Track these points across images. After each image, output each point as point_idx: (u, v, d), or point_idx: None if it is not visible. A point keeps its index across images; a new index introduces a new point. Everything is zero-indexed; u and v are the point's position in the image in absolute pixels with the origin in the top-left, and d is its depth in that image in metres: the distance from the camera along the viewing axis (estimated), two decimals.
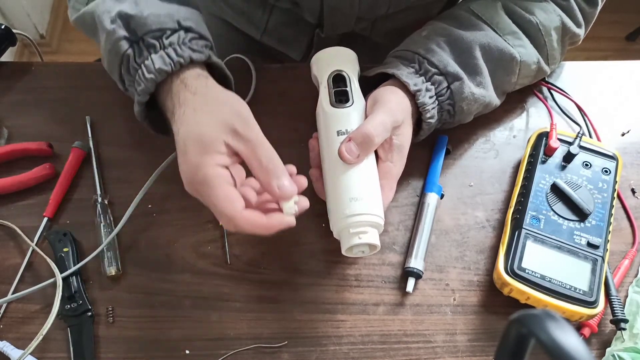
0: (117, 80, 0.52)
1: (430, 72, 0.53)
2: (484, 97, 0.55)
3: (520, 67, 0.56)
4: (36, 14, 1.63)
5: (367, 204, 0.48)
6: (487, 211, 0.58)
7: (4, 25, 0.65)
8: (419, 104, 0.52)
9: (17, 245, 0.55)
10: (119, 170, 0.59)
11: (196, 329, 0.52)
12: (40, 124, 0.62)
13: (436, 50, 0.54)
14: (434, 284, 0.54)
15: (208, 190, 0.43)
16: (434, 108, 0.53)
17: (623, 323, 0.50)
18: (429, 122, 0.54)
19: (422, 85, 0.53)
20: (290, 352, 0.51)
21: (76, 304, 0.51)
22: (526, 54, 0.56)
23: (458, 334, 0.52)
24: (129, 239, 0.56)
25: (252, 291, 0.53)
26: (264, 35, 0.73)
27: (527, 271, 0.50)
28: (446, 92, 0.53)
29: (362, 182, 0.49)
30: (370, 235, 0.48)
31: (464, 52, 0.54)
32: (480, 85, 0.55)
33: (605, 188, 0.55)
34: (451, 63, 0.53)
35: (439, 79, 0.53)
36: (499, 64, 0.56)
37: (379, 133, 0.49)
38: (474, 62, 0.54)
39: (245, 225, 0.43)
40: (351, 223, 0.48)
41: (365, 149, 0.49)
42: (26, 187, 0.57)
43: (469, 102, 0.54)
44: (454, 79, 0.53)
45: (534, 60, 0.57)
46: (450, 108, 0.54)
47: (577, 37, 0.60)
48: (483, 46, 0.55)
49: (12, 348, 0.49)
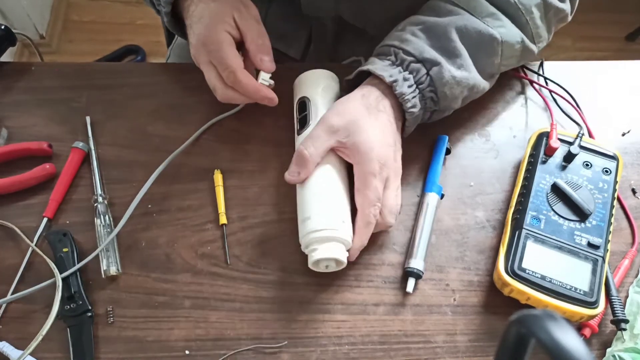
0: (148, 4, 0.61)
1: (407, 60, 0.53)
2: (467, 80, 0.54)
3: (502, 47, 0.56)
4: (36, 14, 1.63)
5: (315, 221, 0.50)
6: (488, 211, 0.58)
7: (4, 26, 0.65)
8: (398, 95, 0.52)
9: (16, 246, 0.55)
10: (119, 170, 0.59)
11: (196, 329, 0.52)
12: (40, 124, 0.62)
13: (411, 39, 0.54)
14: (434, 284, 0.54)
15: (219, 47, 0.53)
16: (414, 97, 0.53)
17: (623, 323, 0.50)
18: (411, 111, 0.53)
19: (398, 76, 0.52)
20: (290, 353, 0.51)
21: (76, 304, 0.51)
22: (507, 34, 0.56)
23: (458, 334, 0.52)
24: (129, 239, 0.56)
25: (252, 291, 0.53)
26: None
27: (528, 271, 0.50)
28: (426, 79, 0.53)
29: (312, 200, 0.51)
30: (320, 251, 0.49)
31: (441, 36, 0.54)
32: (461, 68, 0.54)
33: (605, 188, 0.55)
34: (427, 49, 0.53)
35: (416, 67, 0.53)
36: (479, 46, 0.55)
37: (306, 146, 0.51)
38: (451, 46, 0.54)
39: (243, 78, 0.53)
40: (305, 242, 0.51)
41: (300, 165, 0.51)
42: (26, 187, 0.57)
43: (451, 85, 0.53)
44: (432, 64, 0.53)
45: (518, 40, 0.56)
46: (432, 95, 0.54)
47: (563, 12, 0.60)
48: (460, 29, 0.54)
49: (12, 348, 0.49)
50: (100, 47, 1.68)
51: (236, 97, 0.56)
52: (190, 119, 0.62)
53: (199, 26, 0.55)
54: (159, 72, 0.66)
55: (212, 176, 0.59)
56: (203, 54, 0.55)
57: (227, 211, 0.57)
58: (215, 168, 0.59)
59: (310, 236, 0.50)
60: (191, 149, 0.60)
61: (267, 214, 0.57)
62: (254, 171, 0.59)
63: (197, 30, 0.55)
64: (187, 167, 0.59)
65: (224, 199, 0.57)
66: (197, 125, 0.61)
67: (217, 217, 0.56)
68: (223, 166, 0.59)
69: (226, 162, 0.60)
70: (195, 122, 0.62)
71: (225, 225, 0.56)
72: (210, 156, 0.60)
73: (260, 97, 0.55)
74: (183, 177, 0.59)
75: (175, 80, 0.63)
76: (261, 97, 0.55)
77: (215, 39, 0.53)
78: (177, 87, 0.64)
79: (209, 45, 0.54)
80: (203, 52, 0.55)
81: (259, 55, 0.55)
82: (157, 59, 1.67)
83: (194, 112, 0.62)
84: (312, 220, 0.50)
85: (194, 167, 0.60)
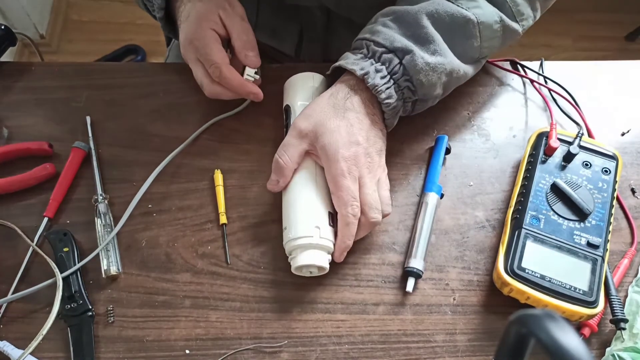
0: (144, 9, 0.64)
1: (378, 52, 0.52)
2: (442, 65, 0.53)
3: (480, 28, 0.55)
4: (36, 14, 1.63)
5: (291, 229, 0.51)
6: (487, 211, 0.58)
7: (4, 25, 0.65)
8: (370, 87, 0.52)
9: (17, 245, 0.55)
10: (119, 170, 0.59)
11: (196, 328, 0.52)
12: (41, 124, 0.62)
13: (381, 30, 0.53)
14: (434, 283, 0.54)
15: (204, 44, 0.55)
16: (388, 88, 0.52)
17: (623, 323, 0.50)
18: (387, 102, 0.52)
19: (370, 68, 0.52)
20: (290, 352, 0.51)
21: (76, 303, 0.51)
22: (483, 14, 0.54)
23: (458, 334, 0.52)
24: (129, 239, 0.56)
25: (251, 291, 0.53)
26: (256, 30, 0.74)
27: (527, 271, 0.50)
28: (399, 69, 0.52)
29: (288, 210, 0.52)
30: (299, 258, 0.50)
31: (411, 24, 0.53)
32: (435, 54, 0.53)
33: (605, 188, 0.55)
34: (398, 38, 0.52)
35: (388, 57, 0.52)
36: (454, 29, 0.54)
37: (280, 154, 0.52)
38: (423, 32, 0.53)
39: (228, 73, 0.55)
40: (287, 250, 0.52)
41: (277, 173, 0.52)
42: (26, 187, 0.57)
43: (425, 72, 0.52)
44: (404, 53, 0.52)
45: (496, 20, 0.55)
46: (408, 84, 0.53)
47: None
48: (430, 14, 0.53)
49: (12, 348, 0.49)
50: (100, 46, 1.68)
51: (223, 93, 0.57)
52: (190, 119, 0.62)
53: (186, 25, 0.57)
54: (159, 72, 0.66)
55: (212, 176, 0.59)
56: (190, 52, 0.57)
57: (227, 211, 0.57)
58: (215, 168, 0.59)
59: (289, 245, 0.51)
60: (191, 148, 0.60)
61: (267, 214, 0.57)
62: (254, 171, 0.59)
63: (185, 29, 0.57)
64: (187, 167, 0.60)
65: (224, 199, 0.57)
66: (197, 125, 0.61)
67: (217, 216, 0.57)
68: (223, 166, 0.59)
69: (226, 161, 0.60)
70: (195, 121, 0.62)
71: (225, 225, 0.56)
72: (210, 156, 0.60)
73: (245, 92, 0.57)
74: (183, 176, 0.59)
75: (175, 80, 0.64)
76: (246, 92, 0.57)
77: (200, 36, 0.55)
78: (177, 87, 0.64)
79: (195, 43, 0.55)
80: (190, 50, 0.56)
81: (243, 51, 0.57)
82: (157, 59, 1.67)
83: (194, 111, 0.63)
84: (288, 229, 0.51)
85: (194, 166, 0.60)
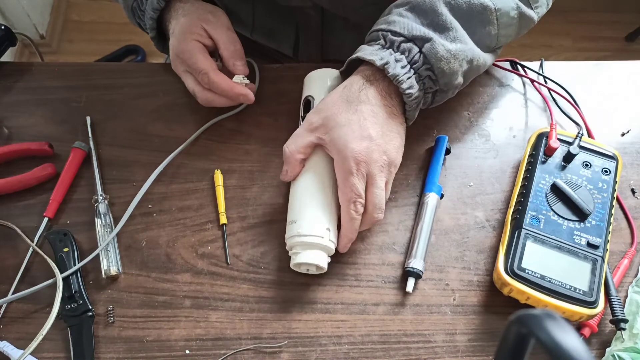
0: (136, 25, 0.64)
1: (396, 41, 0.51)
2: (463, 52, 0.52)
3: (497, 15, 0.54)
4: (36, 15, 1.63)
5: (302, 225, 0.50)
6: (487, 211, 0.58)
7: (4, 26, 0.65)
8: (391, 77, 0.50)
9: (17, 245, 0.55)
10: (119, 170, 0.59)
11: (196, 329, 0.52)
12: (41, 124, 0.62)
13: (397, 19, 0.53)
14: (434, 283, 0.54)
15: (190, 55, 0.56)
16: (409, 78, 0.51)
17: (623, 323, 0.50)
18: (408, 92, 0.51)
19: (389, 58, 0.51)
20: (290, 352, 0.51)
21: (76, 304, 0.51)
22: (500, 1, 0.54)
23: (458, 334, 0.52)
24: (129, 239, 0.56)
25: (251, 291, 0.53)
26: (254, 33, 0.74)
27: (527, 271, 0.50)
28: (420, 57, 0.51)
29: (300, 205, 0.52)
30: (302, 255, 0.50)
31: (429, 12, 0.52)
32: (455, 40, 0.52)
33: (605, 188, 0.55)
34: (416, 27, 0.51)
35: (407, 46, 0.51)
36: (471, 16, 0.53)
37: (288, 144, 0.52)
38: (441, 19, 0.52)
39: (216, 79, 0.56)
40: (289, 244, 0.52)
41: (287, 162, 0.52)
42: (26, 187, 0.57)
43: (447, 60, 0.51)
44: (424, 41, 0.51)
45: (512, 7, 0.55)
46: (430, 73, 0.52)
47: None
48: (447, 2, 0.53)
49: (12, 348, 0.49)
50: (101, 47, 1.68)
51: (215, 99, 0.58)
52: (190, 119, 0.62)
53: (173, 40, 0.58)
54: (159, 72, 0.66)
55: (212, 176, 0.59)
56: (179, 64, 0.59)
57: (227, 211, 0.57)
58: (216, 168, 0.59)
59: (294, 239, 0.51)
60: (191, 149, 0.60)
61: (267, 214, 0.57)
62: (254, 171, 0.60)
63: (172, 44, 0.59)
64: (187, 167, 0.60)
65: (224, 199, 0.57)
66: (197, 125, 0.61)
67: (217, 217, 0.57)
68: (223, 166, 0.59)
69: (226, 162, 0.60)
70: (195, 122, 0.62)
71: (225, 225, 0.56)
72: (210, 156, 0.60)
73: (234, 94, 0.57)
74: (183, 177, 0.59)
75: (175, 80, 0.63)
76: (236, 94, 0.57)
77: (186, 49, 0.57)
78: (177, 87, 0.64)
79: (181, 55, 0.57)
80: (179, 63, 0.59)
81: (231, 61, 0.58)
82: (157, 59, 1.67)
83: (194, 112, 0.63)
84: (298, 223, 0.51)
85: (194, 167, 0.60)
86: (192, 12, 0.58)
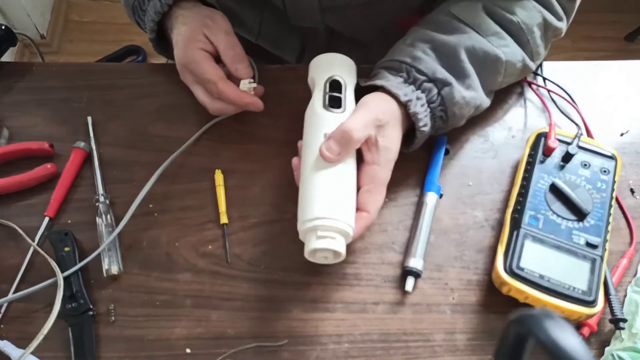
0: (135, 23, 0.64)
1: (419, 80, 0.53)
2: (474, 100, 0.55)
3: (505, 66, 0.56)
4: (36, 14, 1.63)
5: (338, 209, 0.48)
6: (486, 211, 0.58)
7: (5, 26, 0.65)
8: (412, 114, 0.52)
9: (18, 245, 0.55)
10: (120, 170, 0.60)
11: (197, 328, 0.52)
12: (42, 124, 0.62)
13: (422, 57, 0.54)
14: (433, 283, 0.54)
15: (196, 65, 0.56)
16: (426, 116, 0.53)
17: (622, 322, 0.50)
18: (422, 130, 0.53)
19: (412, 95, 0.53)
20: (290, 351, 0.51)
21: (77, 303, 0.52)
22: (510, 53, 0.56)
23: (457, 333, 0.52)
24: (130, 239, 0.56)
25: (252, 290, 0.53)
26: (259, 39, 0.74)
27: (526, 270, 0.50)
28: (437, 99, 0.53)
29: (337, 186, 0.49)
30: (338, 242, 0.47)
31: (450, 56, 0.54)
32: (470, 88, 0.55)
33: (604, 188, 0.55)
34: (439, 69, 0.53)
35: (428, 87, 0.53)
36: (485, 65, 0.55)
37: (356, 127, 0.49)
38: (461, 66, 0.54)
39: (224, 88, 0.55)
40: (319, 225, 0.47)
41: (344, 145, 0.49)
42: (27, 187, 0.58)
43: (460, 106, 0.54)
44: (444, 84, 0.53)
45: (519, 59, 0.57)
46: (442, 114, 0.54)
47: (560, 30, 0.61)
48: (468, 49, 0.54)
49: (13, 347, 0.50)
50: (101, 47, 1.68)
51: (225, 108, 0.58)
52: (191, 119, 0.62)
53: (177, 51, 0.58)
54: (159, 72, 0.67)
55: (213, 176, 0.59)
56: (187, 75, 0.58)
57: (227, 211, 0.57)
58: (216, 168, 0.59)
59: (312, 223, 0.47)
60: (192, 149, 0.61)
61: (268, 214, 0.57)
62: (255, 171, 0.60)
63: (177, 55, 0.58)
64: (188, 167, 0.60)
65: (224, 199, 0.57)
66: (198, 126, 0.61)
67: (218, 216, 0.57)
68: (224, 166, 0.60)
69: (227, 162, 0.60)
70: (196, 122, 0.62)
71: (226, 225, 0.56)
72: (211, 156, 0.60)
73: (243, 103, 0.57)
74: (184, 177, 0.59)
75: (176, 80, 0.64)
76: (244, 103, 0.57)
77: (191, 59, 0.56)
78: (178, 88, 0.64)
79: (188, 66, 0.57)
80: (187, 74, 0.58)
81: (233, 65, 0.57)
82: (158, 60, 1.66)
83: (194, 112, 0.63)
84: (334, 206, 0.48)
85: (195, 167, 0.60)
86: (192, 19, 0.58)
